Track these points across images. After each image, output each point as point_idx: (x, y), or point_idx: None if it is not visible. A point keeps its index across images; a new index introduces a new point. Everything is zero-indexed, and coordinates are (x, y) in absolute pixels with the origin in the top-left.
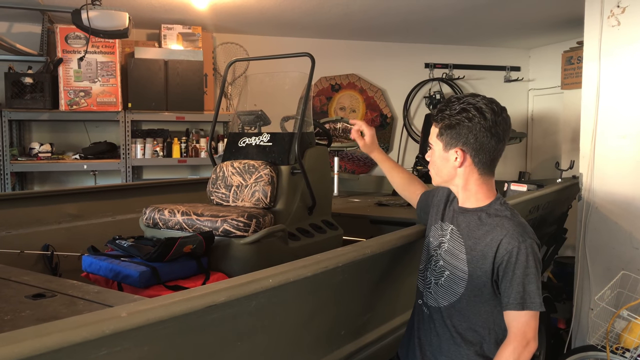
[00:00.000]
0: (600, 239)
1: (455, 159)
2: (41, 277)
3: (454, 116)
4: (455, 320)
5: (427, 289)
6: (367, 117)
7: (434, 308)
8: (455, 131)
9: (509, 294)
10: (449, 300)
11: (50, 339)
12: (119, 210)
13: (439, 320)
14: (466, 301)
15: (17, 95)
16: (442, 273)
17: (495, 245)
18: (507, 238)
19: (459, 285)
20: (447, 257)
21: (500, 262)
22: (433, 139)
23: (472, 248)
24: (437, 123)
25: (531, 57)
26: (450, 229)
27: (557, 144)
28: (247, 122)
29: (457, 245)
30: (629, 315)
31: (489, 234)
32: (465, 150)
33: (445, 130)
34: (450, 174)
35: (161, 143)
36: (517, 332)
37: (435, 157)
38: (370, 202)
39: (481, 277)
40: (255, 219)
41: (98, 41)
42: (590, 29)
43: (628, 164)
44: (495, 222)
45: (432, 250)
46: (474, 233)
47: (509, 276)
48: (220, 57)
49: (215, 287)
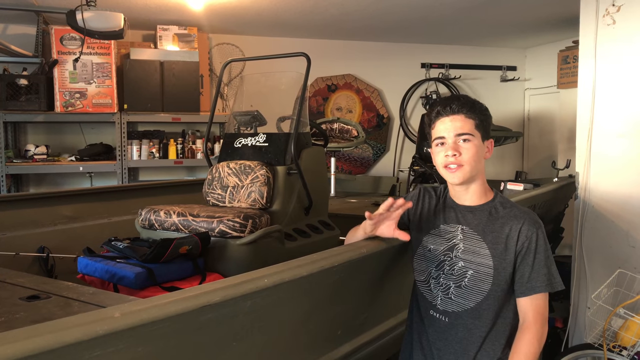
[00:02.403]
0: (597, 238)
1: (487, 151)
2: (36, 279)
3: (483, 109)
4: (484, 319)
5: (445, 296)
6: (364, 118)
7: (456, 313)
8: (488, 122)
9: (534, 278)
10: (475, 300)
11: (43, 340)
12: (115, 212)
13: (463, 325)
14: (494, 297)
15: (12, 97)
16: (465, 274)
17: (516, 234)
18: (525, 225)
19: (485, 281)
20: (466, 256)
21: (521, 248)
22: (471, 130)
23: (494, 241)
24: (468, 115)
25: (527, 57)
26: (461, 229)
27: (554, 143)
28: (243, 123)
29: (476, 243)
30: (625, 313)
31: (506, 225)
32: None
33: (482, 122)
34: (481, 167)
35: (157, 144)
36: (537, 314)
37: (475, 149)
38: (367, 203)
39: (506, 269)
40: (252, 219)
41: (93, 42)
42: (585, 27)
43: (624, 162)
44: (508, 213)
45: (439, 255)
46: (490, 227)
47: (530, 261)
48: (216, 57)
49: (210, 287)
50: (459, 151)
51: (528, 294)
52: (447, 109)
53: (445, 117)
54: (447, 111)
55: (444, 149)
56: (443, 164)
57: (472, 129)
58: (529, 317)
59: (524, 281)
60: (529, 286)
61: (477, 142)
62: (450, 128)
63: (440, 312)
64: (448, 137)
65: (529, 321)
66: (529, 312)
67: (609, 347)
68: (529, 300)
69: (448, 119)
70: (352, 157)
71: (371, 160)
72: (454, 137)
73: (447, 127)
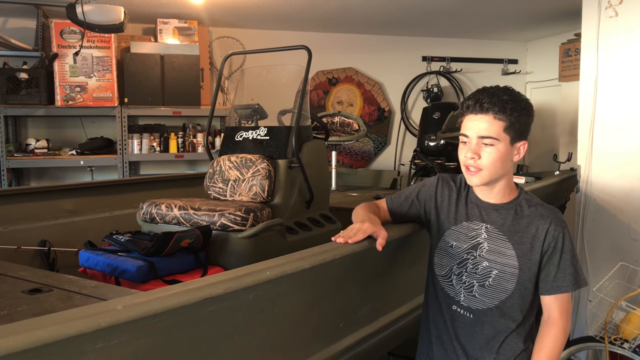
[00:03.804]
0: (599, 231)
1: (516, 153)
2: (38, 273)
3: (519, 109)
4: (509, 316)
5: (468, 293)
6: (365, 111)
7: (481, 311)
8: (522, 123)
9: (560, 277)
10: (499, 298)
11: (46, 332)
12: (116, 206)
13: (489, 322)
14: (518, 295)
15: (12, 91)
16: (489, 273)
17: (543, 234)
18: (552, 225)
19: (510, 281)
20: (491, 256)
21: (547, 248)
22: (497, 134)
23: (519, 242)
24: (497, 115)
25: (529, 50)
26: (485, 227)
27: (555, 137)
28: (244, 116)
29: (501, 243)
30: (627, 306)
31: (532, 224)
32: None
33: (514, 123)
34: (507, 169)
35: (158, 138)
36: (563, 310)
37: (497, 154)
38: (368, 196)
39: (531, 269)
40: (253, 213)
41: (93, 36)
42: (587, 20)
43: (626, 155)
44: (533, 212)
45: (462, 253)
46: (516, 227)
47: (557, 261)
48: (216, 51)
49: (213, 279)
50: (479, 154)
51: (554, 292)
52: (477, 106)
53: (473, 114)
54: (476, 108)
55: (466, 148)
56: (463, 163)
57: (499, 132)
58: (554, 314)
59: (549, 280)
60: (554, 285)
61: (501, 146)
62: (475, 128)
63: (464, 308)
64: (472, 137)
65: (555, 317)
66: (554, 309)
67: (610, 340)
68: (555, 298)
69: (476, 117)
70: (353, 150)
71: (372, 154)
72: (477, 139)
73: (472, 127)
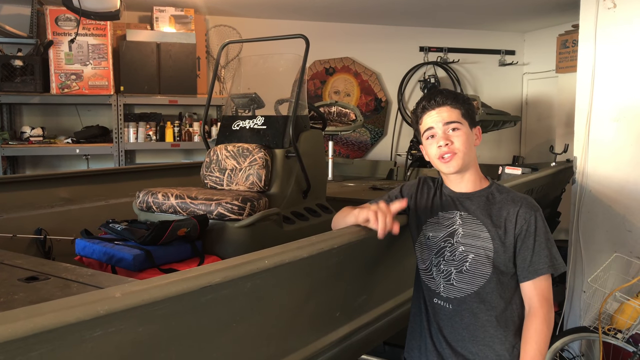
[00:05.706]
0: (594, 222)
1: (476, 138)
2: (34, 261)
3: (466, 99)
4: (488, 303)
5: (446, 282)
6: (362, 101)
7: (459, 299)
8: (472, 111)
9: (536, 260)
10: (477, 284)
11: (45, 319)
12: (112, 194)
13: (468, 310)
14: (496, 280)
15: (7, 78)
16: (466, 258)
17: (514, 217)
18: (523, 208)
19: (486, 265)
20: (466, 240)
21: (520, 232)
22: (459, 119)
23: (493, 224)
24: (452, 105)
25: (526, 41)
26: (459, 215)
27: (552, 128)
28: (240, 105)
29: (475, 227)
30: (621, 296)
31: (503, 208)
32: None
33: (467, 110)
34: (473, 155)
35: (154, 127)
36: (542, 298)
37: (465, 136)
38: (365, 186)
39: (506, 252)
40: (250, 202)
41: (89, 23)
42: (585, 11)
43: (622, 147)
44: (505, 197)
45: (439, 242)
46: (489, 211)
47: (531, 244)
48: (213, 39)
49: (211, 267)
50: (450, 140)
51: (531, 277)
52: (432, 102)
53: (431, 110)
54: (432, 104)
55: (435, 140)
56: (437, 155)
57: (459, 118)
58: (534, 303)
59: (526, 265)
60: (531, 269)
61: (465, 129)
62: (438, 119)
63: (444, 300)
64: (437, 127)
65: (535, 307)
66: (534, 297)
67: (604, 330)
68: (533, 284)
69: (434, 112)
70: (349, 140)
71: (369, 144)
72: (442, 127)
73: (435, 119)
